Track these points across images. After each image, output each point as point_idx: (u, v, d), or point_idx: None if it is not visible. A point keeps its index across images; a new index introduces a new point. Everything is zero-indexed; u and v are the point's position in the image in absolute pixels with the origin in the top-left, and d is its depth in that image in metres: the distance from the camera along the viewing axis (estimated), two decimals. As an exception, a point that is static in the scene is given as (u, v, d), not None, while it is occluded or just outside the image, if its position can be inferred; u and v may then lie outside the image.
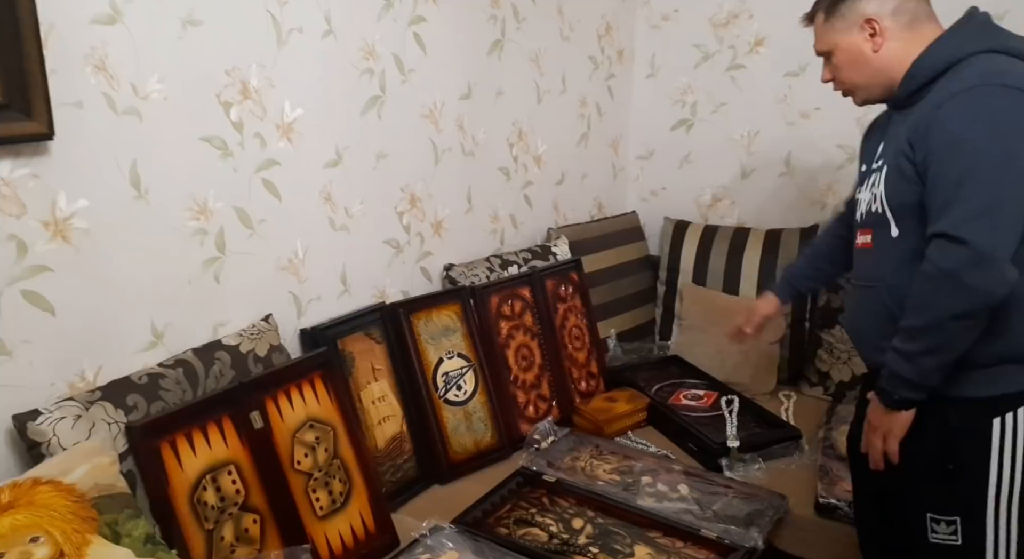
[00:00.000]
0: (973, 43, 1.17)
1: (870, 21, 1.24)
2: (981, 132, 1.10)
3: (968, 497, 1.22)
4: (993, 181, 1.07)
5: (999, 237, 1.07)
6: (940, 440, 1.25)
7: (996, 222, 1.07)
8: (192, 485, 1.26)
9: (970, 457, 1.22)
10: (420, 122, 1.91)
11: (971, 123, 1.10)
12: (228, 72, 1.43)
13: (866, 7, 1.25)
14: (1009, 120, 1.09)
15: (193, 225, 1.42)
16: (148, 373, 1.32)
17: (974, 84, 1.12)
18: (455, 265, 2.05)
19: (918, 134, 1.16)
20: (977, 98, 1.11)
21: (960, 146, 1.10)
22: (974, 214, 1.07)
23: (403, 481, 1.72)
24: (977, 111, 1.10)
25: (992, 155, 1.08)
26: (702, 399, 2.10)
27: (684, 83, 2.59)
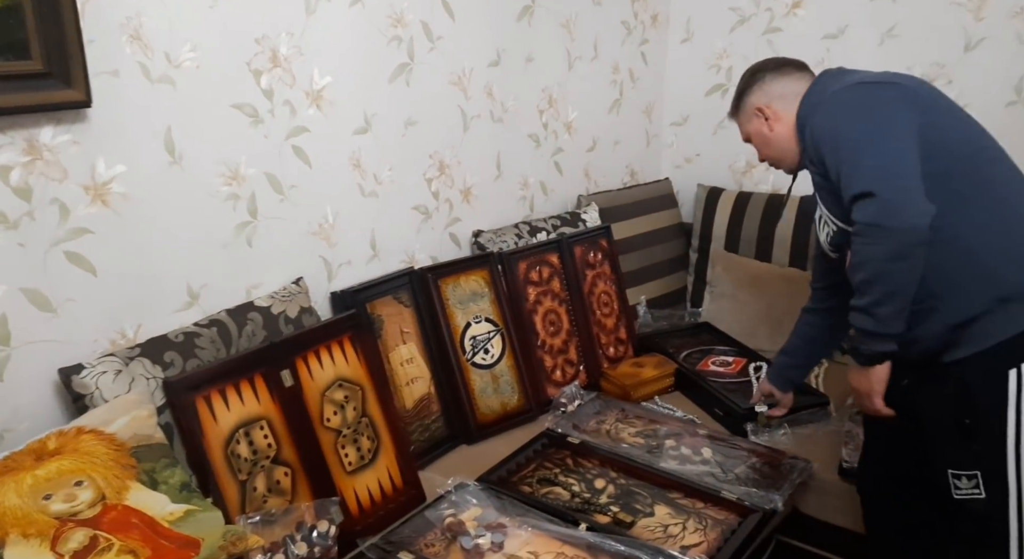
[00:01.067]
0: (832, 84, 1.34)
1: (760, 110, 1.47)
2: (848, 113, 1.27)
3: (987, 450, 1.24)
4: (875, 142, 1.21)
5: (899, 180, 1.18)
6: (957, 397, 1.27)
7: (891, 170, 1.18)
8: (226, 438, 1.32)
9: (987, 410, 1.23)
10: (449, 89, 1.93)
11: (837, 114, 1.28)
12: (258, 41, 1.46)
13: (754, 100, 1.48)
14: (866, 96, 1.26)
15: (226, 190, 1.47)
16: (184, 332, 1.38)
17: (827, 96, 1.32)
18: (484, 231, 2.08)
19: (811, 152, 1.34)
20: (834, 99, 1.30)
21: (837, 132, 1.26)
22: (871, 170, 1.19)
23: (431, 440, 1.77)
24: (837, 105, 1.29)
25: (867, 123, 1.23)
26: (731, 365, 2.10)
27: (720, 47, 2.54)
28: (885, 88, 1.26)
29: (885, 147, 1.20)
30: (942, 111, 1.27)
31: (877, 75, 1.32)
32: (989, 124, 1.31)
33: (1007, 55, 1.99)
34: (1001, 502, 1.24)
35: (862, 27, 2.21)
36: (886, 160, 1.19)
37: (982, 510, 1.27)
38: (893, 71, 1.35)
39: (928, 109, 1.24)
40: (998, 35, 1.99)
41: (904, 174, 1.18)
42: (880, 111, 1.24)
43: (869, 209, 1.19)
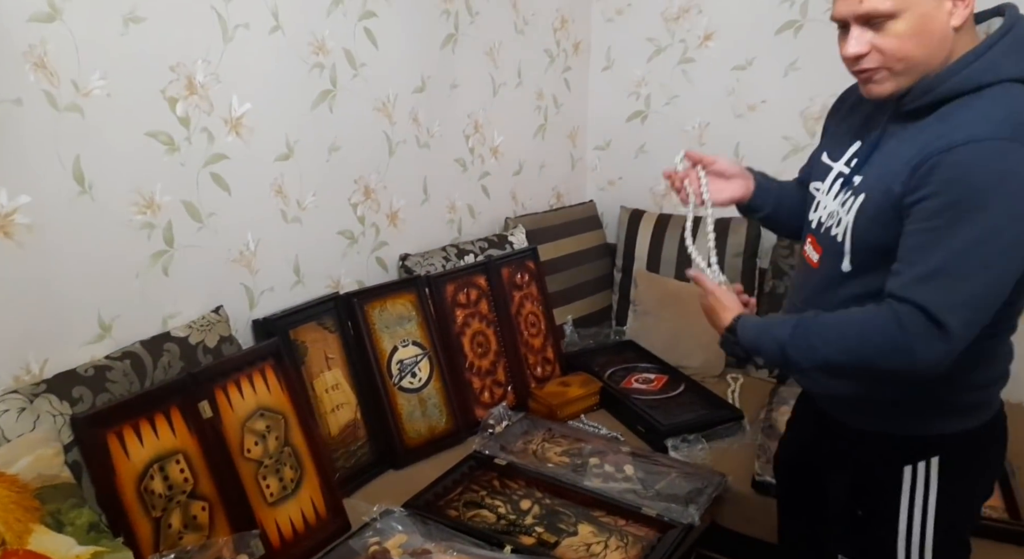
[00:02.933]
0: (1011, 65, 0.98)
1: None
2: (1000, 204, 0.93)
3: (878, 544, 1.18)
4: (995, 266, 0.95)
5: (974, 332, 0.98)
6: (851, 485, 1.21)
7: (980, 314, 0.98)
8: (139, 474, 1.29)
9: (879, 504, 1.17)
10: (373, 115, 1.94)
11: (992, 190, 0.93)
12: (173, 68, 1.45)
13: None
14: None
15: (140, 219, 1.44)
16: (95, 365, 1.34)
17: (1005, 135, 0.93)
18: (411, 255, 2.09)
19: (919, 174, 0.98)
20: (1005, 157, 0.93)
21: (972, 212, 0.94)
22: (965, 301, 0.96)
23: (357, 467, 1.76)
24: (1003, 177, 0.93)
25: (1002, 234, 0.94)
26: (652, 382, 2.17)
27: (638, 76, 2.63)
28: None
29: (999, 278, 0.96)
30: None
31: None
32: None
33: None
34: None
35: (768, 60, 2.34)
36: (987, 292, 0.96)
37: None
38: None
39: None
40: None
41: (982, 321, 0.98)
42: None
43: (923, 338, 0.97)
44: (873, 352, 1.01)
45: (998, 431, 1.18)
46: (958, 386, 1.09)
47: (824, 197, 1.18)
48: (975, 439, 1.13)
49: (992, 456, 1.20)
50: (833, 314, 1.08)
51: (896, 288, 1.00)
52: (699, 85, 2.52)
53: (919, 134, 1.02)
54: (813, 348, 1.06)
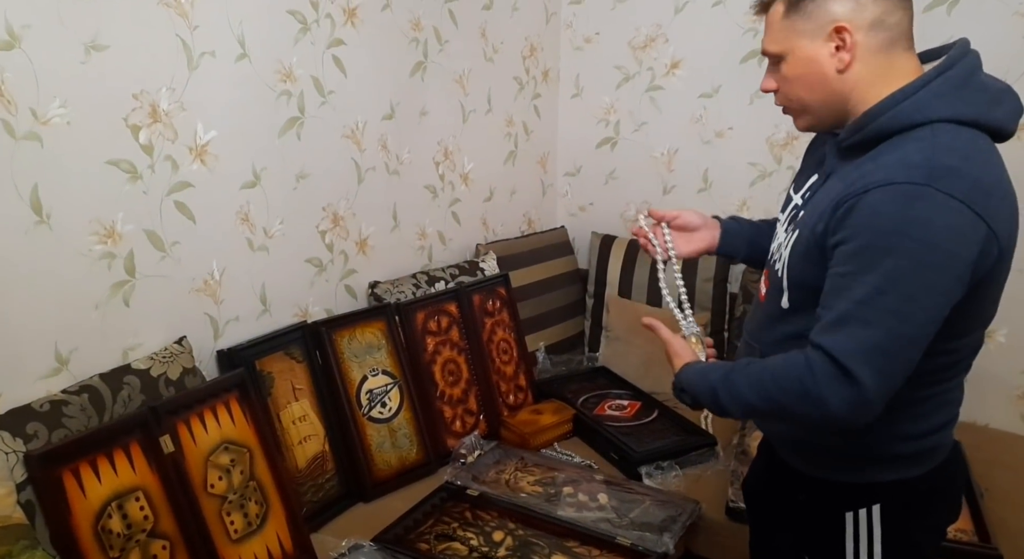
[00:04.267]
0: (942, 106, 0.95)
1: (840, 30, 0.98)
2: (905, 251, 0.90)
3: None
4: (901, 314, 0.91)
5: (888, 380, 0.93)
6: (796, 531, 1.21)
7: (893, 364, 0.93)
8: (96, 513, 1.24)
9: (822, 549, 1.15)
10: (342, 142, 1.93)
11: (898, 235, 0.90)
12: (136, 96, 1.43)
13: (839, 9, 0.98)
14: (938, 244, 0.90)
15: (100, 249, 1.41)
16: (50, 400, 1.30)
17: (918, 180, 0.90)
18: (380, 282, 2.07)
19: (838, 215, 0.96)
20: (915, 201, 0.90)
21: (878, 257, 0.91)
22: (871, 349, 0.92)
23: (325, 500, 1.72)
24: (911, 220, 0.90)
25: (907, 281, 0.91)
26: (625, 409, 2.16)
27: (607, 103, 2.67)
28: (976, 228, 0.91)
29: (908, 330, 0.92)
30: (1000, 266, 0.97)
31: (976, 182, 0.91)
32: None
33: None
34: None
35: (734, 87, 2.38)
36: (898, 348, 0.93)
37: None
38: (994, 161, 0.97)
39: (985, 271, 0.94)
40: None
41: (900, 373, 0.94)
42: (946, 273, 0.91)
43: (836, 389, 0.93)
44: (787, 399, 0.99)
45: (943, 480, 1.12)
46: (895, 435, 1.05)
47: (780, 229, 1.17)
48: (916, 489, 1.09)
49: (937, 505, 1.14)
50: (762, 360, 1.06)
51: (813, 334, 0.98)
52: (667, 112, 2.55)
53: (852, 172, 0.99)
54: (739, 394, 1.04)
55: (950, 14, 2.00)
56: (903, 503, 1.10)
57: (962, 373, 1.08)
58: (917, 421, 1.06)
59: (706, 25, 2.40)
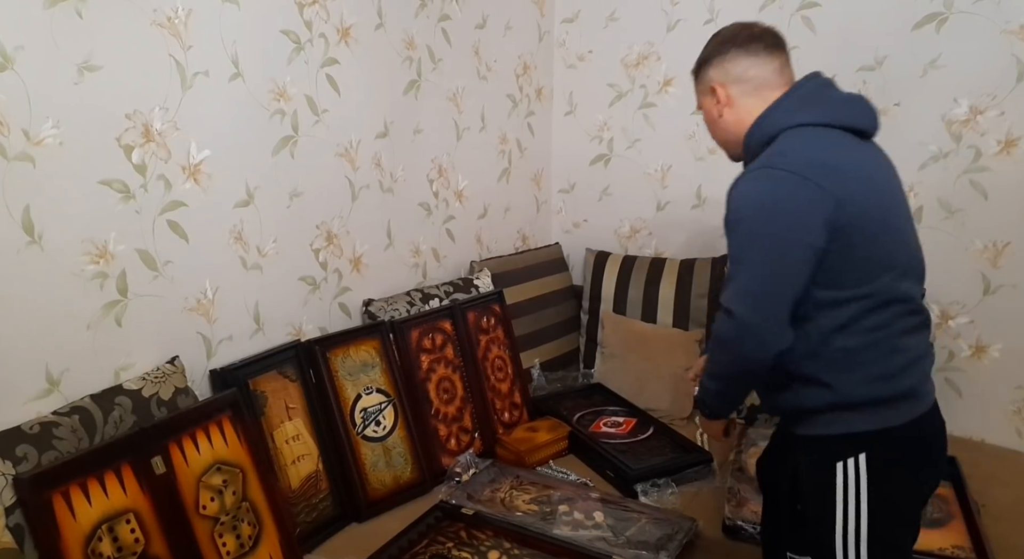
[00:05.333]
0: (789, 117, 1.21)
1: (714, 90, 1.29)
2: (745, 211, 1.16)
3: (817, 537, 1.24)
4: (757, 262, 1.15)
5: (761, 311, 1.15)
6: (790, 481, 1.30)
7: (758, 299, 1.15)
8: (86, 536, 1.23)
9: (815, 500, 1.24)
10: (336, 161, 1.94)
11: (745, 206, 1.17)
12: (129, 116, 1.43)
13: (713, 74, 1.29)
14: (770, 203, 1.14)
15: (92, 269, 1.40)
16: (41, 422, 1.28)
17: (759, 165, 1.18)
18: (374, 300, 2.07)
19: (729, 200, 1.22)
20: (752, 180, 1.17)
21: (735, 226, 1.18)
22: (739, 291, 1.17)
23: (319, 521, 1.70)
24: (747, 192, 1.17)
25: (757, 238, 1.15)
26: (621, 426, 2.15)
27: (601, 120, 2.68)
28: (805, 188, 1.13)
29: (762, 270, 1.15)
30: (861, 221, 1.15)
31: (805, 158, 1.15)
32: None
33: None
34: None
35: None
36: (755, 283, 1.15)
37: None
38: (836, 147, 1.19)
39: (843, 224, 1.13)
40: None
41: (768, 303, 1.15)
42: (784, 224, 1.13)
43: (726, 325, 1.19)
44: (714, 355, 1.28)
45: (921, 433, 1.22)
46: (858, 381, 1.19)
47: None
48: (896, 439, 1.20)
49: (916, 460, 1.23)
50: None
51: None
52: (660, 129, 2.57)
53: None
54: (707, 374, 1.32)
55: (939, 31, 2.02)
56: (886, 452, 1.20)
57: (898, 321, 1.20)
58: (871, 366, 1.19)
59: (698, 43, 2.35)
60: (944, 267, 2.10)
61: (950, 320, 2.13)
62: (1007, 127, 1.98)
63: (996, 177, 2.01)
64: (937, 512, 1.69)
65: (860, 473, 1.19)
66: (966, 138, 2.03)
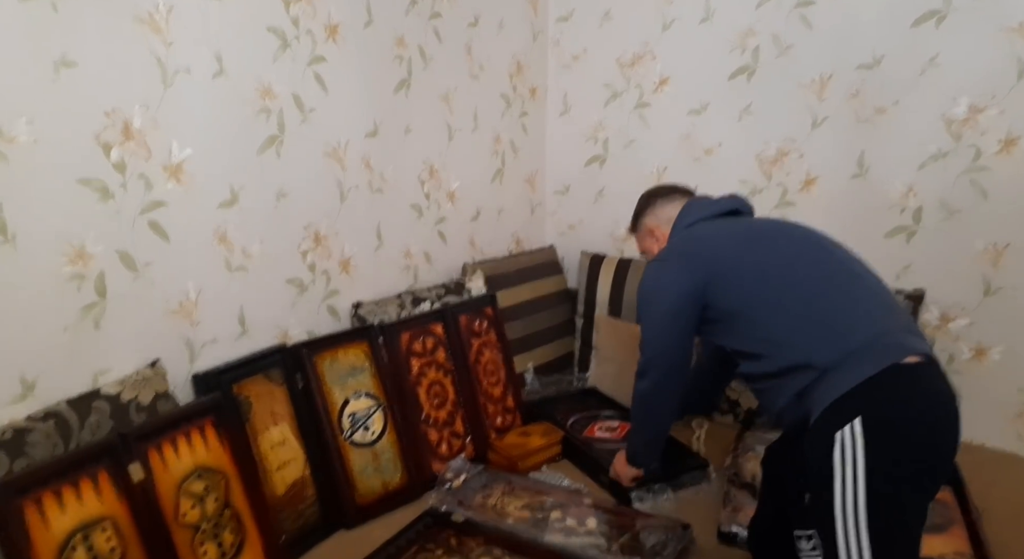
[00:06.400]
0: (677, 228, 1.62)
1: (651, 231, 1.71)
2: (641, 292, 1.60)
3: (818, 511, 1.26)
4: (646, 322, 1.59)
5: (655, 353, 1.59)
6: (795, 462, 1.33)
7: (652, 346, 1.59)
8: (60, 545, 1.19)
9: (817, 469, 1.26)
10: (323, 160, 1.90)
11: (640, 287, 1.60)
12: (108, 113, 1.39)
13: (648, 221, 1.72)
14: (652, 283, 1.56)
15: (69, 270, 1.36)
16: (14, 428, 1.25)
17: (656, 259, 1.60)
18: (364, 303, 2.03)
19: None
20: (646, 270, 1.60)
21: (639, 304, 1.62)
22: (643, 342, 1.60)
23: (305, 528, 1.66)
24: (643, 279, 1.59)
25: (644, 306, 1.59)
26: (616, 430, 2.11)
27: (596, 120, 2.65)
28: (671, 265, 1.52)
29: (650, 326, 1.58)
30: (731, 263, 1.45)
31: (679, 246, 1.57)
32: (837, 192, 1.46)
33: (847, 132, 2.17)
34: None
35: (722, 104, 2.37)
36: (648, 334, 1.59)
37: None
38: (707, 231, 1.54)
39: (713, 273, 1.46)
40: (837, 115, 2.18)
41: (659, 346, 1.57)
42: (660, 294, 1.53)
43: (640, 363, 1.62)
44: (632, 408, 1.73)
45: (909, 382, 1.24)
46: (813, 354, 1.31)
47: None
48: (885, 389, 1.22)
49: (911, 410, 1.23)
50: None
51: None
52: (656, 129, 2.53)
53: None
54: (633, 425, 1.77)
55: (938, 27, 1.99)
56: (880, 412, 1.21)
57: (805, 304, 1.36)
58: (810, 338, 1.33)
59: (693, 42, 2.39)
60: (944, 269, 2.07)
61: (950, 323, 2.09)
62: (1007, 126, 1.94)
63: (996, 177, 1.98)
64: (938, 518, 1.65)
65: (856, 438, 1.21)
66: (966, 137, 2.00)
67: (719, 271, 1.46)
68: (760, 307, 1.40)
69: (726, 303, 1.45)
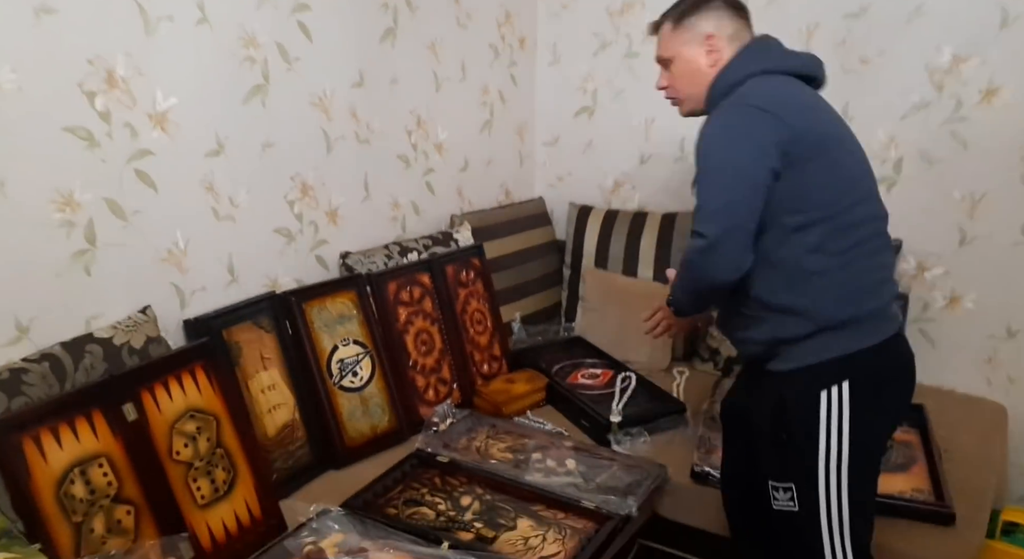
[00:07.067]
0: (750, 66, 1.35)
1: (710, 37, 1.38)
2: (712, 145, 1.30)
3: (801, 465, 1.30)
4: (720, 185, 1.28)
5: (727, 230, 1.26)
6: (774, 412, 1.35)
7: (721, 220, 1.26)
8: (58, 479, 1.25)
9: (800, 428, 1.30)
10: (309, 110, 1.91)
11: (708, 137, 1.31)
12: (91, 61, 1.41)
13: (706, 25, 1.39)
14: (734, 134, 1.27)
15: (58, 217, 1.40)
16: (10, 368, 1.29)
17: (726, 104, 1.32)
18: (352, 253, 2.07)
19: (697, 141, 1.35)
20: (720, 116, 1.31)
21: (699, 157, 1.31)
22: (707, 213, 1.28)
23: (296, 468, 1.74)
24: (715, 127, 1.30)
25: (715, 163, 1.29)
26: (599, 377, 2.18)
27: (585, 71, 2.64)
28: (765, 119, 1.25)
29: (733, 189, 1.25)
30: (816, 153, 1.27)
31: (768, 96, 1.29)
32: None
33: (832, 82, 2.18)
34: (813, 517, 1.30)
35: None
36: (718, 204, 1.27)
37: (796, 523, 1.33)
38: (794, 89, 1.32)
39: (798, 155, 1.25)
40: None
41: (731, 224, 1.25)
42: (744, 149, 1.25)
43: (694, 244, 1.30)
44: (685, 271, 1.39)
45: (893, 357, 1.34)
46: (828, 302, 1.28)
47: None
48: (873, 361, 1.29)
49: (890, 384, 1.34)
50: None
51: None
52: (645, 80, 2.51)
53: None
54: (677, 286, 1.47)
55: None
56: (866, 376, 1.28)
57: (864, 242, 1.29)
58: (842, 287, 1.28)
59: (682, -10, 2.37)
60: (922, 218, 2.10)
61: (926, 271, 2.14)
62: (989, 76, 1.95)
63: (976, 127, 2.00)
64: (901, 458, 1.72)
65: (843, 399, 1.27)
66: (948, 87, 2.01)
67: (810, 155, 1.25)
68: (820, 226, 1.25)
69: (795, 198, 1.25)
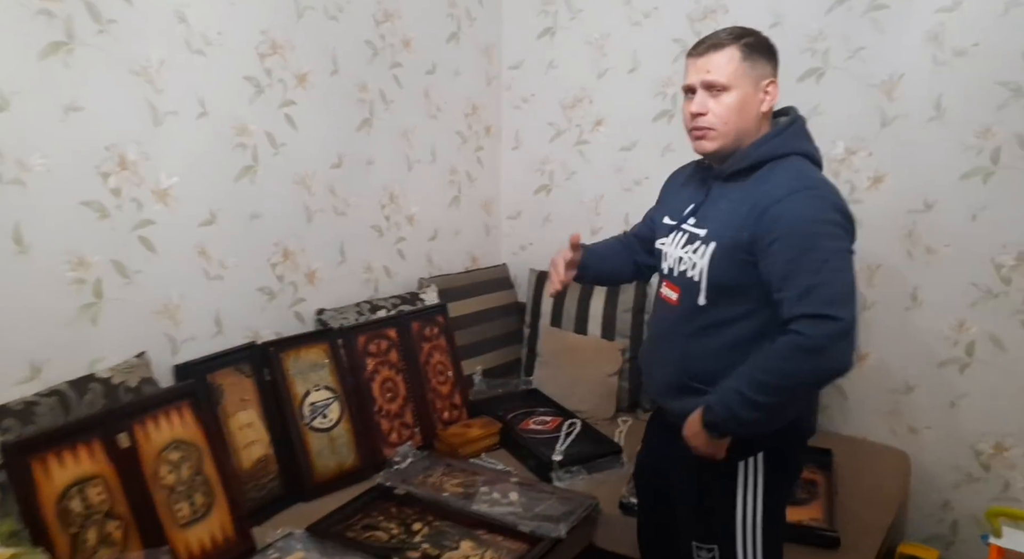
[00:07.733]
0: (794, 144, 1.39)
1: (772, 84, 1.39)
2: (836, 220, 1.30)
3: (721, 528, 1.44)
4: (844, 268, 1.28)
5: (854, 315, 1.25)
6: (697, 480, 1.47)
7: (853, 304, 1.26)
8: (59, 495, 1.47)
9: (720, 495, 1.44)
10: (293, 187, 2.22)
11: (816, 222, 1.29)
12: (107, 148, 1.71)
13: (772, 70, 1.40)
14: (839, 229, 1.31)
15: (72, 275, 1.67)
16: (24, 401, 1.54)
17: (810, 186, 1.32)
18: (327, 309, 2.33)
19: (762, 221, 1.30)
20: (814, 199, 1.31)
21: (812, 241, 1.27)
22: (842, 296, 1.25)
23: (268, 498, 1.94)
24: (826, 203, 1.31)
25: (836, 248, 1.29)
26: (548, 423, 2.40)
27: (543, 154, 2.98)
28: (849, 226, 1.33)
29: (852, 273, 1.28)
30: None
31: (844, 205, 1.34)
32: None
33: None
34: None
35: (648, 142, 2.71)
36: (854, 288, 1.27)
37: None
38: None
39: None
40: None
41: (855, 307, 1.26)
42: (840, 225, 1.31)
43: (827, 330, 1.22)
44: (795, 364, 1.26)
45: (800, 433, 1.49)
46: None
47: (671, 249, 1.51)
48: (785, 437, 1.43)
49: (796, 454, 1.50)
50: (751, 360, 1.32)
51: (786, 313, 1.28)
52: (593, 163, 2.86)
53: (746, 192, 1.37)
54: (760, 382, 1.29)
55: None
56: (779, 448, 1.42)
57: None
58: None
59: (623, 89, 2.73)
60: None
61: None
62: (875, 165, 2.27)
63: (867, 208, 2.29)
64: (805, 493, 1.95)
65: (759, 469, 1.42)
66: (843, 174, 2.32)
67: None
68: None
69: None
